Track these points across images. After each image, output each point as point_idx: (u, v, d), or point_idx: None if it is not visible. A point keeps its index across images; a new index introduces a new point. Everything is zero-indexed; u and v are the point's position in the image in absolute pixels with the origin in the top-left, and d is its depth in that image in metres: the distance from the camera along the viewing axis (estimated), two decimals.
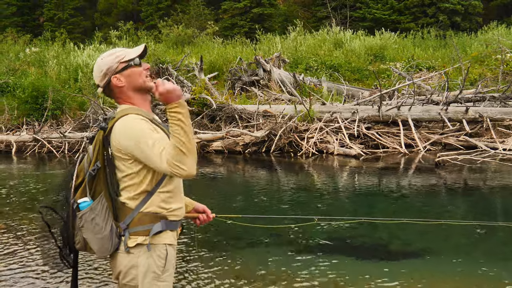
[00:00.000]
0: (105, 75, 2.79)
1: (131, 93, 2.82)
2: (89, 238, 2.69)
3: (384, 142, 13.61)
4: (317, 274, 5.28)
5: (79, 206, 2.68)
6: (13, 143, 14.76)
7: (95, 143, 2.73)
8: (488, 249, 6.14)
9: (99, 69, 2.80)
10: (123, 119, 2.69)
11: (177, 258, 5.83)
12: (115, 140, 2.67)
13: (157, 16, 33.40)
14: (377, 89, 16.35)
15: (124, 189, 2.73)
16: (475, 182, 10.34)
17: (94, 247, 2.70)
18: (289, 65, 21.37)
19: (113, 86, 2.80)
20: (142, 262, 2.71)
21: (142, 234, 2.71)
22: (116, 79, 2.78)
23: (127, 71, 2.80)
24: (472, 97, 15.03)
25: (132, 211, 2.71)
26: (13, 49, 23.98)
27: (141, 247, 2.71)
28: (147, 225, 2.72)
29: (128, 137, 2.63)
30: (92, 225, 2.65)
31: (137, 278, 2.72)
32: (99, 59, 2.84)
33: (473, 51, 21.94)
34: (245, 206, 8.42)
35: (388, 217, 7.84)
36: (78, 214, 2.67)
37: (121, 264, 2.74)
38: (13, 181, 10.81)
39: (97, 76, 2.81)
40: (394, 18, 29.66)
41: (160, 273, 2.75)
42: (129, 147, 2.62)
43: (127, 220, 2.71)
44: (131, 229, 2.71)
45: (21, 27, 34.91)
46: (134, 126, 2.66)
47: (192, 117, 14.72)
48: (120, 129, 2.66)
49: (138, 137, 2.60)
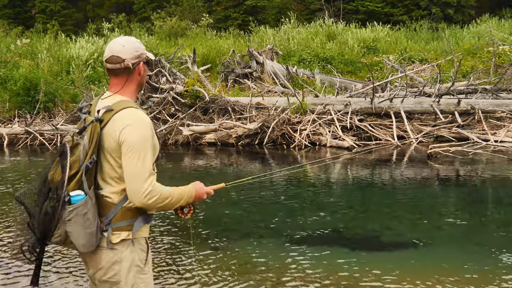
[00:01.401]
0: (139, 56, 2.81)
1: (136, 87, 2.86)
2: (76, 232, 2.61)
3: (377, 134, 13.65)
4: (309, 265, 5.31)
5: (70, 198, 2.61)
6: (5, 136, 14.68)
7: (91, 135, 2.64)
8: (480, 239, 6.19)
9: (136, 48, 2.80)
10: (131, 111, 2.68)
11: (173, 251, 5.87)
12: (115, 130, 2.63)
13: (150, 8, 33.26)
14: (370, 81, 16.37)
15: (107, 183, 2.71)
16: (467, 173, 10.39)
17: (80, 242, 2.63)
18: (282, 57, 21.37)
19: (137, 71, 2.82)
20: (126, 257, 2.72)
21: (125, 229, 2.72)
22: (143, 66, 2.84)
23: (146, 67, 2.88)
24: (464, 89, 15.07)
25: (115, 206, 2.70)
26: (4, 41, 23.79)
27: (125, 242, 2.72)
28: (130, 220, 2.73)
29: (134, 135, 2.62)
30: (83, 219, 2.59)
31: (119, 273, 2.72)
32: (132, 39, 2.85)
33: (465, 43, 22.00)
34: (238, 202, 8.43)
35: (382, 208, 7.90)
36: (69, 208, 2.59)
37: (103, 260, 2.72)
38: (4, 174, 10.78)
39: (129, 53, 2.77)
40: (387, 10, 29.66)
41: (143, 266, 2.79)
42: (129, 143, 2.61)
43: (110, 215, 2.70)
44: (113, 225, 2.70)
45: (13, 19, 34.68)
46: (142, 127, 2.66)
47: (185, 110, 14.71)
48: (128, 123, 2.64)
49: (140, 143, 2.62)
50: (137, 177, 2.59)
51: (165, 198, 2.68)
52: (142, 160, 2.61)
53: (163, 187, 2.71)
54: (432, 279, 4.90)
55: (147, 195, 2.59)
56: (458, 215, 7.44)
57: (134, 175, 2.60)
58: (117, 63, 2.76)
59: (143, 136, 2.64)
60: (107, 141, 2.66)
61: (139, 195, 2.59)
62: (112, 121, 2.66)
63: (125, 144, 2.62)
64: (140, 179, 2.59)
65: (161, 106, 14.85)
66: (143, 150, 2.62)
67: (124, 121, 2.64)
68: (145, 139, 2.64)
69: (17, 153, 13.76)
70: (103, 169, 2.70)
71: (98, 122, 2.66)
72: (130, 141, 2.61)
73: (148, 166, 2.62)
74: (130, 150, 2.61)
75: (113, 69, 2.79)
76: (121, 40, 2.82)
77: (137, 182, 2.59)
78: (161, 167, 10.90)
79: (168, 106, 14.89)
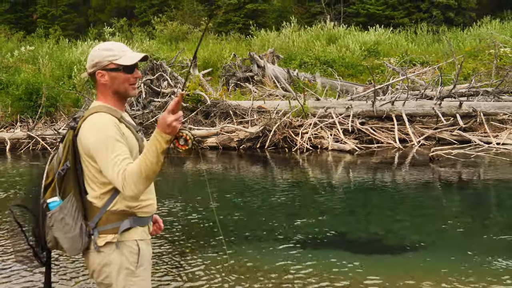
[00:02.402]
0: (94, 66, 2.79)
1: (110, 93, 2.81)
2: (59, 237, 2.70)
3: (378, 137, 13.65)
4: (311, 268, 5.30)
5: (48, 205, 2.69)
6: (7, 140, 14.71)
7: (65, 143, 2.74)
8: (482, 242, 6.17)
9: (91, 58, 2.81)
10: (90, 119, 2.69)
11: (174, 253, 5.87)
12: (82, 138, 2.67)
13: (151, 12, 33.28)
14: (371, 84, 16.37)
15: (90, 188, 2.73)
16: (469, 176, 10.38)
17: (65, 246, 2.72)
18: (283, 60, 21.39)
19: (97, 79, 2.80)
20: (114, 260, 2.72)
21: (111, 232, 2.72)
22: (101, 75, 2.78)
23: (114, 73, 2.78)
24: (466, 92, 15.08)
25: (99, 210, 2.71)
26: (6, 46, 23.84)
27: (111, 245, 2.72)
28: (115, 223, 2.73)
29: (91, 138, 2.63)
30: (61, 225, 2.66)
31: (110, 275, 2.73)
32: (96, 47, 2.84)
33: (467, 46, 22.00)
34: (240, 204, 8.43)
35: (384, 211, 7.89)
36: (48, 214, 2.69)
37: (93, 263, 2.75)
38: (5, 178, 10.79)
39: (88, 63, 2.83)
40: (388, 13, 29.66)
41: (134, 268, 2.76)
42: (91, 148, 2.62)
43: (95, 219, 2.72)
44: (99, 228, 2.72)
45: (14, 24, 34.72)
46: (99, 128, 2.64)
47: (186, 114, 14.73)
48: (85, 128, 2.66)
49: (100, 143, 2.61)
50: (111, 176, 2.57)
51: (137, 171, 2.48)
52: (106, 158, 2.58)
53: (131, 166, 2.53)
54: (434, 283, 4.89)
55: (124, 187, 2.52)
56: (460, 218, 7.43)
57: (108, 175, 2.59)
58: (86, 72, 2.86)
59: (98, 138, 2.61)
60: (80, 148, 2.69)
61: (122, 191, 2.55)
62: (81, 128, 2.69)
63: (91, 151, 2.63)
64: (113, 176, 2.56)
65: (163, 110, 14.86)
66: (103, 150, 2.59)
67: (84, 127, 2.67)
68: (100, 139, 2.60)
69: (19, 157, 13.78)
70: (85, 175, 2.73)
71: (72, 129, 2.72)
72: (91, 147, 2.62)
73: (111, 159, 2.56)
74: (95, 154, 2.62)
75: None
76: (94, 48, 2.87)
77: (114, 181, 2.57)
78: (163, 171, 10.89)
79: None
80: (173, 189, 9.45)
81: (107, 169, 2.57)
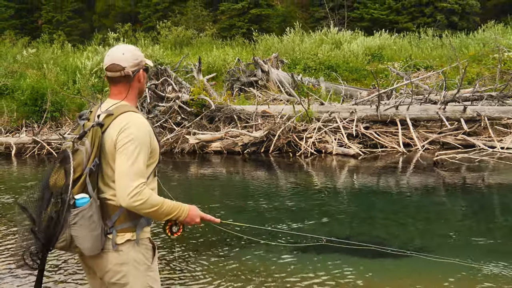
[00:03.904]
0: (138, 64, 2.86)
1: (136, 93, 2.91)
2: (81, 235, 2.62)
3: (383, 142, 13.66)
4: (313, 273, 5.31)
5: (76, 202, 2.61)
6: (13, 145, 14.76)
7: (93, 140, 2.68)
8: (486, 247, 6.17)
9: (135, 56, 2.85)
10: (131, 115, 2.74)
11: (178, 260, 5.89)
12: (114, 134, 2.69)
13: (155, 17, 33.38)
14: (375, 88, 16.39)
15: (108, 186, 2.74)
16: (473, 180, 10.37)
17: (86, 245, 2.64)
18: (287, 65, 21.43)
19: (136, 78, 2.86)
20: (132, 257, 2.76)
21: (130, 230, 2.76)
22: (142, 73, 2.89)
23: (145, 73, 2.94)
24: (470, 96, 15.07)
25: (119, 208, 2.72)
26: (11, 51, 23.95)
27: (130, 243, 2.75)
28: (133, 221, 2.76)
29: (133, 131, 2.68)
30: (89, 222, 2.61)
31: (127, 275, 2.75)
32: (132, 47, 2.89)
33: (471, 50, 22.00)
34: (245, 209, 8.45)
35: (388, 215, 7.89)
36: (74, 211, 2.59)
37: (110, 263, 2.74)
38: (11, 183, 10.85)
39: (129, 61, 2.82)
40: (392, 18, 29.67)
41: (149, 263, 2.84)
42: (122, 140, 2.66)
43: (114, 217, 2.73)
44: (117, 227, 2.73)
45: (19, 30, 34.86)
46: (140, 127, 2.72)
47: (191, 118, 14.76)
48: (124, 122, 2.70)
49: (135, 139, 2.66)
50: (126, 176, 2.61)
51: (153, 205, 2.65)
52: (134, 160, 2.63)
53: (154, 194, 2.70)
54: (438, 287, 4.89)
55: (133, 196, 2.59)
56: (465, 223, 7.43)
57: (123, 173, 2.62)
58: (117, 71, 2.81)
59: (137, 137, 2.68)
60: (108, 145, 2.71)
61: (125, 194, 2.59)
62: (112, 125, 2.71)
63: (119, 145, 2.67)
64: (128, 178, 2.61)
65: (167, 115, 14.91)
66: (135, 151, 2.65)
67: (121, 123, 2.70)
68: (139, 140, 2.68)
69: (25, 162, 13.84)
70: (105, 173, 2.73)
71: (99, 126, 2.71)
72: (123, 142, 2.66)
73: (139, 167, 2.64)
74: (123, 149, 2.65)
75: (113, 77, 2.84)
76: (120, 48, 2.87)
77: (124, 181, 2.60)
78: (167, 175, 10.94)
79: (174, 115, 14.95)
80: (181, 193, 9.48)
81: (125, 168, 2.62)
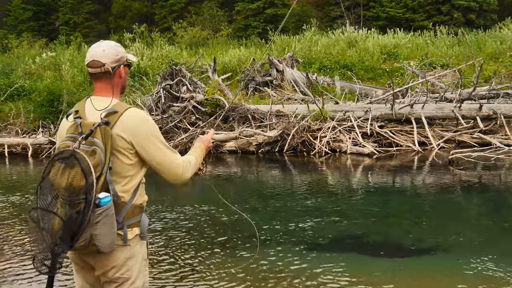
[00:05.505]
0: (119, 60, 2.88)
1: (120, 89, 2.94)
2: (103, 233, 2.60)
3: (398, 141, 13.58)
4: (328, 272, 5.29)
5: (100, 201, 2.59)
6: (29, 146, 14.94)
7: (104, 138, 2.66)
8: (503, 246, 6.11)
9: (116, 52, 2.88)
10: (135, 110, 2.81)
11: (191, 255, 5.91)
12: (126, 130, 2.72)
13: (171, 18, 33.56)
14: (390, 87, 16.30)
15: (118, 182, 2.75)
16: (489, 179, 10.27)
17: (105, 243, 2.63)
18: (302, 65, 21.39)
19: (117, 74, 2.89)
20: (138, 251, 2.84)
21: (136, 225, 2.83)
22: (123, 68, 2.92)
23: (127, 69, 2.97)
24: (486, 94, 14.92)
25: (126, 204, 2.76)
26: (28, 53, 24.24)
27: (136, 238, 2.83)
28: (138, 216, 2.84)
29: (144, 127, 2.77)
30: (111, 220, 2.63)
31: (132, 268, 2.81)
32: (112, 43, 2.93)
33: (488, 48, 21.79)
34: (262, 208, 8.46)
35: (403, 214, 7.85)
36: (98, 210, 2.57)
37: (118, 258, 2.77)
38: (28, 184, 10.97)
39: (109, 57, 2.84)
40: (408, 16, 29.51)
41: (147, 259, 2.93)
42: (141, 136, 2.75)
43: (122, 213, 2.75)
44: (126, 222, 2.76)
45: (37, 32, 35.27)
46: (148, 119, 2.83)
47: (205, 118, 14.81)
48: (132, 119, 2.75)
49: (152, 132, 2.80)
50: (169, 161, 2.85)
51: (194, 165, 3.02)
52: (164, 146, 2.85)
53: (187, 157, 3.01)
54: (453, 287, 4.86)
55: (184, 173, 2.90)
56: (480, 221, 7.36)
57: (168, 162, 2.85)
58: (97, 67, 2.85)
59: (154, 127, 2.84)
60: (117, 141, 2.72)
61: (179, 176, 2.89)
62: (120, 122, 2.73)
63: (144, 139, 2.76)
64: (174, 162, 2.86)
65: (182, 115, 14.97)
66: (159, 138, 2.84)
67: (134, 119, 2.77)
68: (156, 129, 2.86)
69: (41, 163, 13.98)
70: (113, 169, 2.72)
71: (105, 124, 2.70)
72: (146, 135, 2.78)
73: (170, 149, 2.89)
74: (149, 143, 2.78)
75: (94, 73, 2.88)
76: (102, 44, 2.91)
77: (174, 167, 2.87)
78: None
79: (189, 115, 15.01)
80: (187, 194, 9.53)
81: (164, 155, 2.84)
